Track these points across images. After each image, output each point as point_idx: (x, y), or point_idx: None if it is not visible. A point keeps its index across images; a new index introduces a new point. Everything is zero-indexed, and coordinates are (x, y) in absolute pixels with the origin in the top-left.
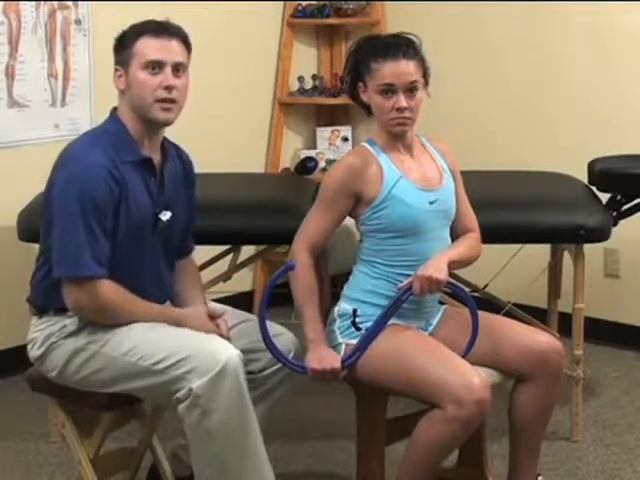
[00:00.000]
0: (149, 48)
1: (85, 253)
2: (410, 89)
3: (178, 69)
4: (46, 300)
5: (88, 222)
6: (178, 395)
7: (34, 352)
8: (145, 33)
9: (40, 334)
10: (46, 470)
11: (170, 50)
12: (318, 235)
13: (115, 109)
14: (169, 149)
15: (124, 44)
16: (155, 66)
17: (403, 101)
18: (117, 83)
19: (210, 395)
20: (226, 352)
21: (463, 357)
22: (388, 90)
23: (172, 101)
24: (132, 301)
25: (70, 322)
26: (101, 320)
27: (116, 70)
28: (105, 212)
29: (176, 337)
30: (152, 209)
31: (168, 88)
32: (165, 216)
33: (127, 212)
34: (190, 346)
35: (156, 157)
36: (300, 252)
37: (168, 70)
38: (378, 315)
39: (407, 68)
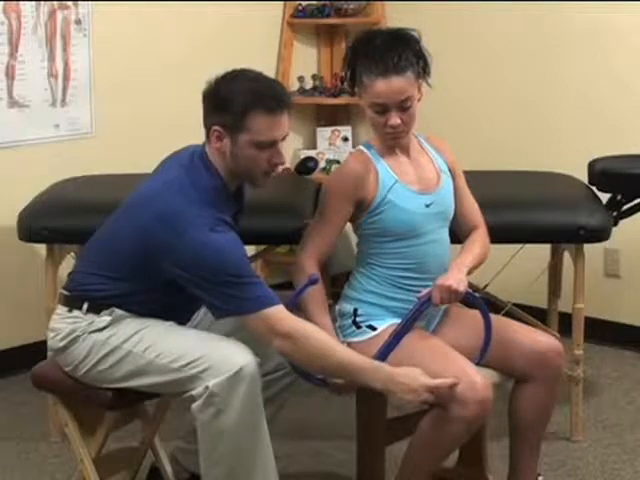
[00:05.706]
0: (263, 127)
1: (262, 290)
2: (402, 106)
3: (283, 139)
4: (86, 294)
5: (247, 273)
6: (193, 392)
7: (55, 343)
8: (259, 107)
9: (65, 326)
10: (46, 470)
11: (282, 126)
12: (324, 245)
13: (204, 147)
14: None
15: (230, 108)
16: (267, 145)
17: (396, 119)
18: (215, 144)
19: (225, 395)
20: (243, 356)
21: (476, 364)
22: (380, 109)
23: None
24: (314, 328)
25: (99, 320)
26: (304, 352)
27: (215, 130)
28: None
29: (196, 338)
30: None
31: (277, 165)
32: None
33: None
34: (208, 347)
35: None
36: (308, 265)
37: (278, 146)
38: (397, 326)
39: (398, 86)
